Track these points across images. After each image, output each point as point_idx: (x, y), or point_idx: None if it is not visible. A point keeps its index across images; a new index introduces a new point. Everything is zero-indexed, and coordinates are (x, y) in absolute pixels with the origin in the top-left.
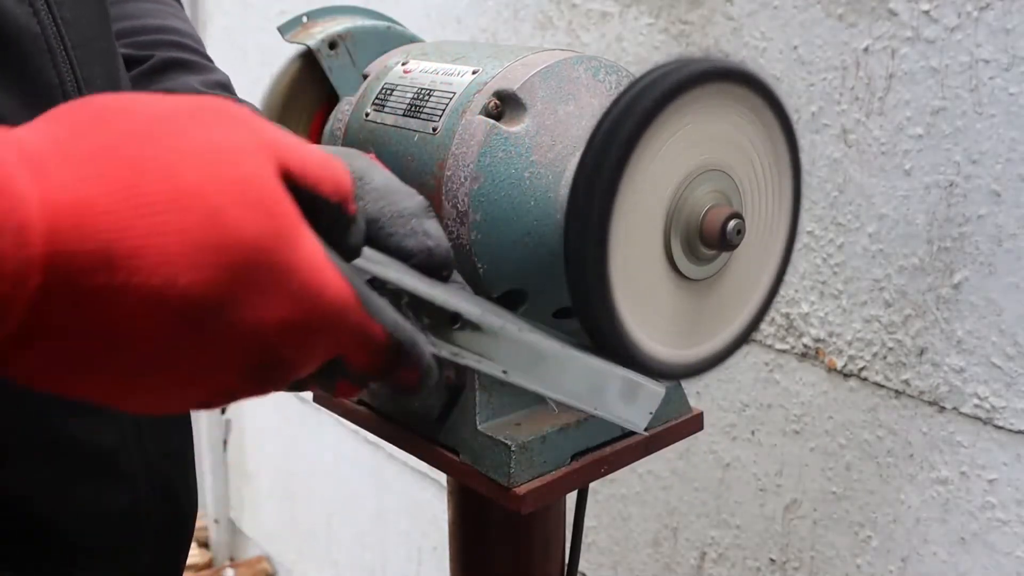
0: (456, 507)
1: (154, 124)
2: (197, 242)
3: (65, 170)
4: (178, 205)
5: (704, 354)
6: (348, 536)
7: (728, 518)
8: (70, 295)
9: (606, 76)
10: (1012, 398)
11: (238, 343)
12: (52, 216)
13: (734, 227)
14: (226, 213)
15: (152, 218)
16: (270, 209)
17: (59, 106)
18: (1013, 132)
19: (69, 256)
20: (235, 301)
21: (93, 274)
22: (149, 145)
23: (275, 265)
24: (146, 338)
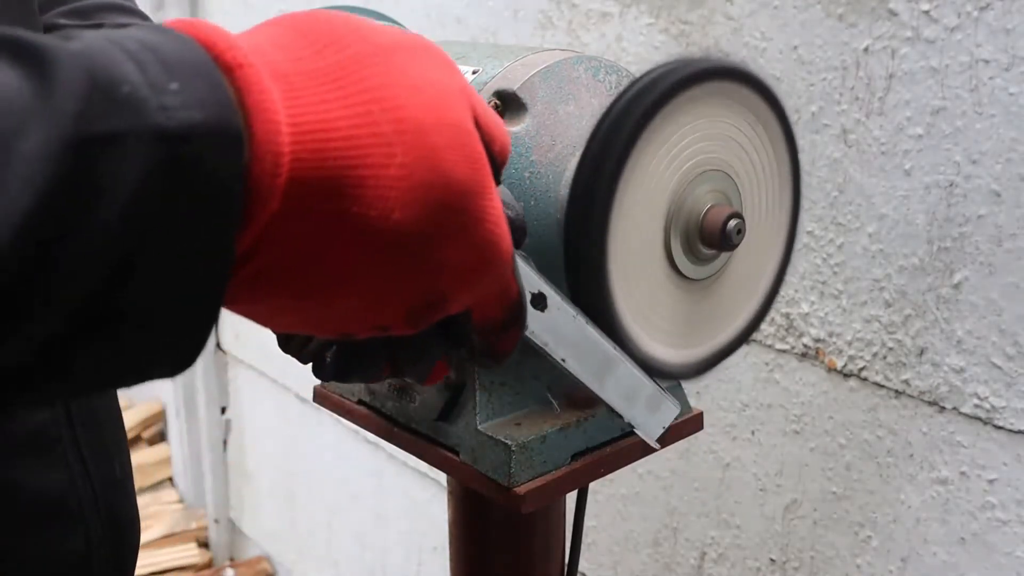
0: (456, 507)
1: (385, 52)
2: (414, 179)
3: (309, 90)
4: (404, 140)
5: (704, 354)
6: (348, 536)
7: (728, 518)
8: (299, 218)
9: (606, 76)
10: (1012, 398)
11: (420, 278)
12: (297, 141)
13: (734, 227)
14: (442, 154)
15: (382, 148)
16: (474, 156)
17: (285, 15)
18: (1013, 132)
19: (307, 183)
20: (431, 240)
21: (323, 201)
22: (382, 74)
23: (472, 211)
24: (348, 263)
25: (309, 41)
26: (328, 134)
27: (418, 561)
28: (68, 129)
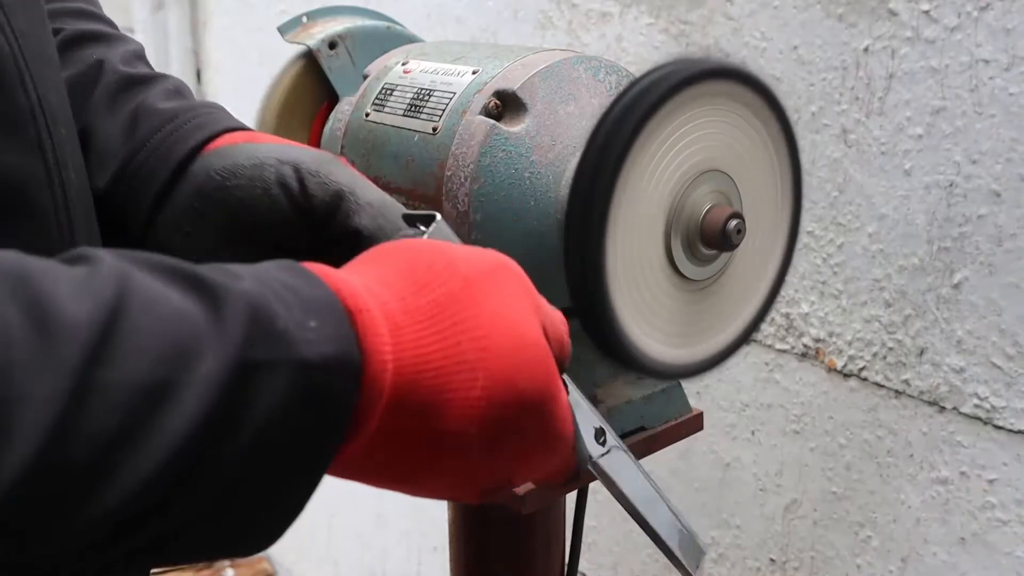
0: (456, 507)
1: (471, 286)
2: (493, 399)
3: (409, 329)
4: (486, 365)
5: (704, 354)
6: (348, 536)
7: (728, 518)
8: (396, 434)
9: (606, 76)
10: (1012, 398)
11: (493, 472)
12: (397, 372)
13: (734, 227)
14: (518, 375)
15: (466, 375)
16: (545, 369)
17: (383, 248)
18: (1013, 132)
19: (405, 407)
20: (503, 444)
21: (416, 420)
22: (470, 306)
23: (541, 416)
24: (430, 465)
25: (413, 280)
26: (422, 367)
27: (418, 561)
28: (232, 355)
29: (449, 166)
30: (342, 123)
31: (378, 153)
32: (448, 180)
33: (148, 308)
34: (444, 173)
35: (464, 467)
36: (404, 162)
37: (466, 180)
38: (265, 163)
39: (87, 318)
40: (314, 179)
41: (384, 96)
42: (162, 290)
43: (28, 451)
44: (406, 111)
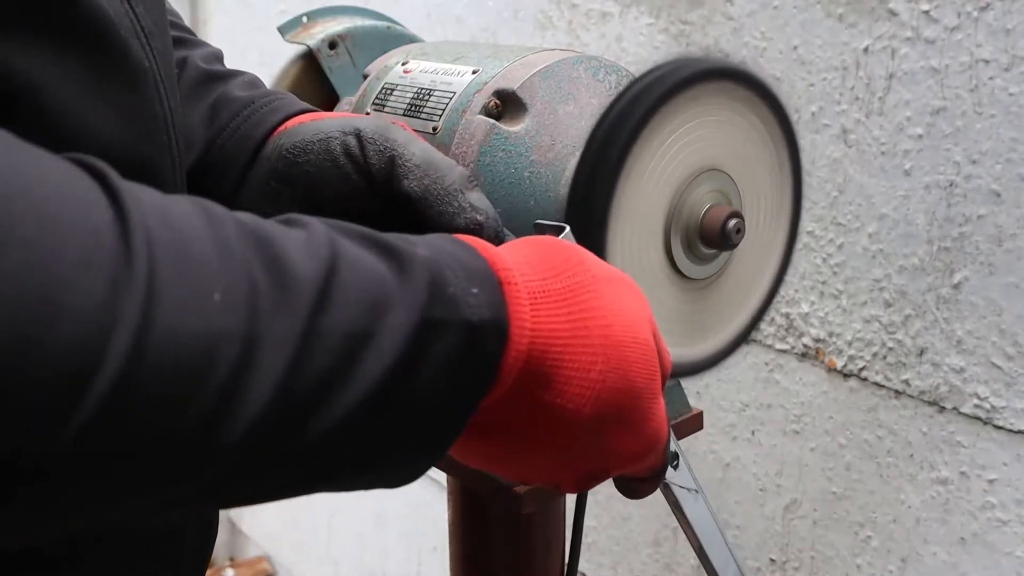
0: (456, 507)
1: (599, 282)
2: (607, 383)
3: (546, 307)
4: (605, 352)
5: (704, 354)
6: (348, 536)
7: (728, 518)
8: (519, 400)
9: (606, 76)
10: (1012, 398)
11: (595, 457)
12: (531, 342)
13: (734, 226)
14: (632, 366)
15: (588, 356)
16: (653, 369)
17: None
18: (1013, 132)
19: (532, 374)
20: (609, 430)
21: (539, 389)
22: (596, 298)
23: (645, 411)
24: (544, 436)
25: (551, 266)
26: (553, 341)
27: (418, 561)
28: (417, 313)
29: None
30: None
31: None
32: None
33: (353, 267)
34: None
35: (569, 445)
36: None
37: None
38: (331, 136)
39: (313, 275)
40: (372, 145)
41: (384, 96)
42: (362, 253)
43: (269, 383)
44: (406, 111)
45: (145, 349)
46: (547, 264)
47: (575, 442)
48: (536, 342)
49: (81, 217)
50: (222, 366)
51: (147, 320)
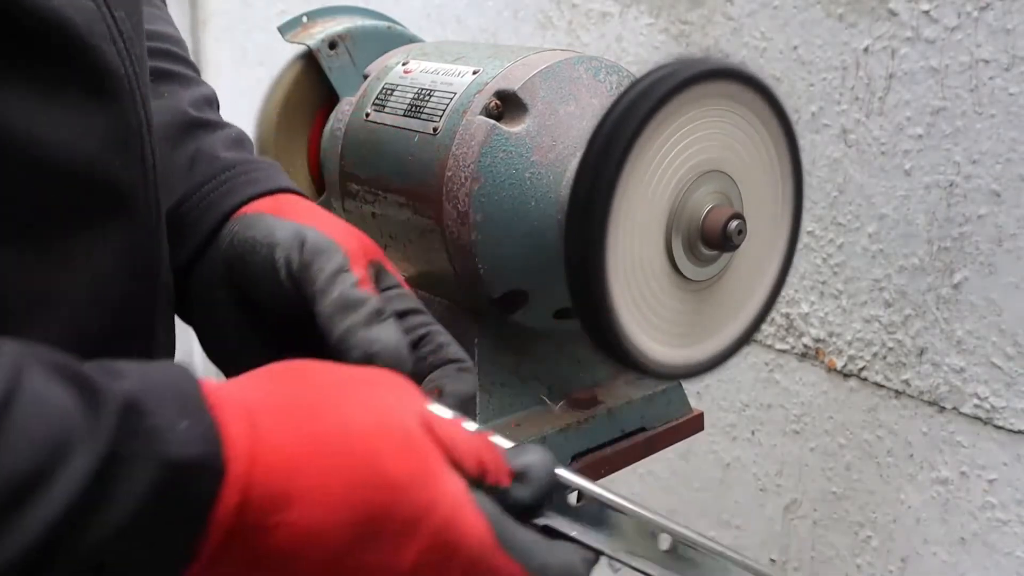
0: None
1: (336, 384)
2: (354, 481)
3: (267, 419)
4: (346, 447)
5: (705, 355)
6: None
7: (728, 518)
8: (248, 530)
9: (607, 76)
10: (1012, 398)
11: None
12: (250, 464)
13: (735, 227)
14: (383, 455)
15: (324, 459)
16: (419, 452)
17: (274, 365)
18: (1013, 132)
19: (252, 501)
20: (378, 536)
21: (270, 513)
22: (331, 397)
23: (417, 502)
24: (298, 568)
25: (277, 380)
26: (278, 453)
27: None
28: (102, 451)
29: (449, 166)
30: (342, 123)
31: (378, 153)
32: (448, 180)
33: (35, 403)
34: (444, 173)
35: (339, 569)
36: (404, 162)
37: (466, 180)
38: (277, 244)
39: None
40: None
41: (384, 96)
42: (50, 387)
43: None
44: (406, 111)
45: None
46: (276, 378)
47: (341, 561)
48: (258, 464)
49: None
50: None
51: None
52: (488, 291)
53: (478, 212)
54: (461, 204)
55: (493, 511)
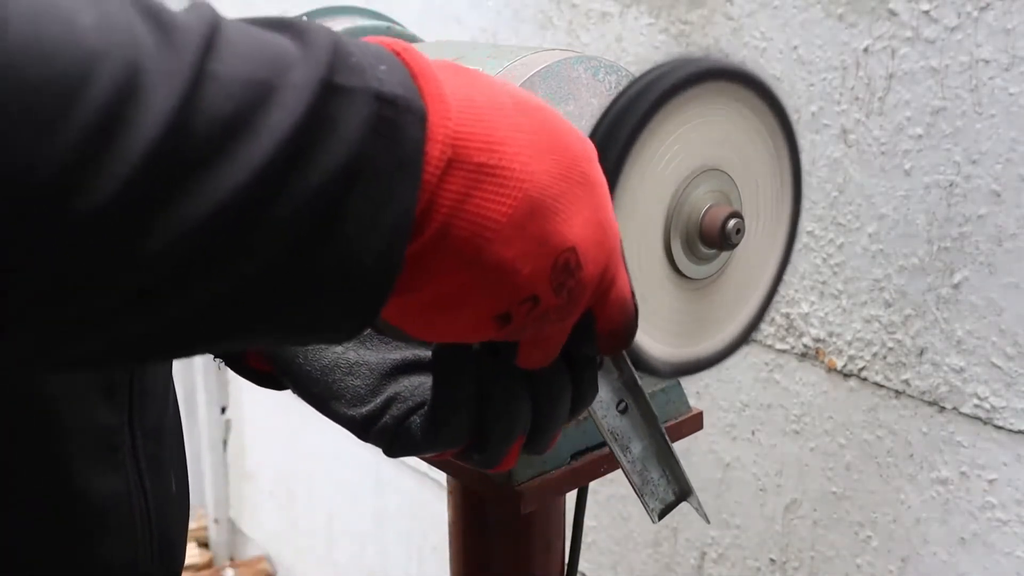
0: (456, 507)
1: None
2: (540, 145)
3: (453, 79)
4: (526, 114)
5: (704, 354)
6: (348, 536)
7: (728, 518)
8: (461, 168)
9: (606, 76)
10: (1012, 398)
11: (557, 230)
12: (459, 109)
13: (734, 226)
14: (561, 133)
15: (509, 119)
16: (583, 138)
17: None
18: (1013, 132)
19: (463, 142)
20: (562, 197)
21: (478, 153)
22: (495, 82)
23: (590, 178)
24: (496, 217)
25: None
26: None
27: (418, 561)
28: (321, 72)
29: None
30: None
31: None
32: None
33: (243, 31)
34: None
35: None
36: None
37: None
38: None
39: (196, 24)
40: None
41: None
42: (254, 28)
43: (160, 115)
44: None
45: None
46: (466, 74)
47: (534, 209)
48: (461, 132)
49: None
50: (102, 82)
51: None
52: None
53: None
54: None
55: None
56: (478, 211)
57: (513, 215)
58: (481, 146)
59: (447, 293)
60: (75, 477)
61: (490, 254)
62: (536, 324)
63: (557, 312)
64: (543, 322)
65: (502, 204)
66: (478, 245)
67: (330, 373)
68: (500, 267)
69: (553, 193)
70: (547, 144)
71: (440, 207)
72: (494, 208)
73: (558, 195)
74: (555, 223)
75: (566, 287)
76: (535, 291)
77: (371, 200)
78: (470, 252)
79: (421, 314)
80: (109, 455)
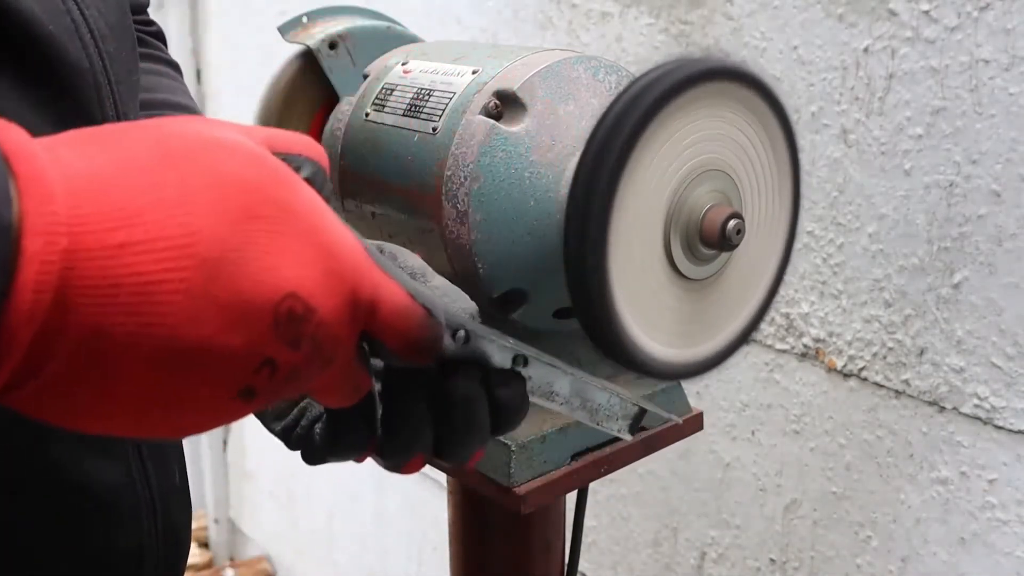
0: (456, 507)
1: (140, 124)
2: (201, 196)
3: (70, 151)
4: (170, 163)
5: (704, 354)
6: (348, 536)
7: (728, 518)
8: (96, 257)
9: (606, 76)
10: (1012, 398)
11: (257, 294)
12: (71, 189)
13: (734, 227)
14: (221, 163)
15: (152, 177)
16: (263, 161)
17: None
18: (1013, 132)
19: (90, 220)
20: (249, 244)
21: (113, 233)
22: (136, 131)
23: (289, 206)
24: (168, 300)
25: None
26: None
27: (418, 561)
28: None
29: (449, 166)
30: (342, 123)
31: (378, 153)
32: (448, 180)
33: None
34: (444, 173)
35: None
36: (404, 162)
37: (466, 180)
38: None
39: None
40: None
41: (384, 96)
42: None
43: None
44: (406, 111)
45: None
46: (92, 137)
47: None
48: (79, 188)
49: None
50: None
51: None
52: (487, 290)
53: (478, 211)
54: (460, 204)
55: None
56: (139, 299)
57: (190, 288)
58: (115, 224)
59: (150, 395)
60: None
61: (180, 340)
62: (291, 383)
63: (310, 364)
64: (300, 378)
65: (169, 280)
66: (158, 336)
67: None
68: (201, 349)
69: (235, 244)
70: (212, 192)
71: (80, 311)
72: (161, 288)
73: (242, 244)
74: (252, 275)
75: (305, 336)
76: (264, 355)
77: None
78: (148, 348)
79: (132, 420)
80: (110, 444)
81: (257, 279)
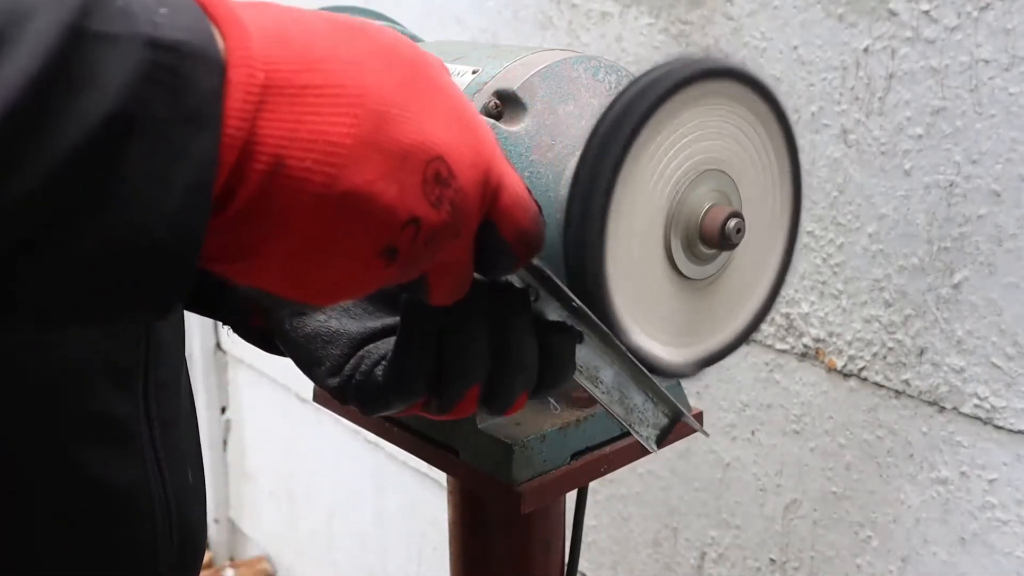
0: (456, 507)
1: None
2: (370, 60)
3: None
4: (343, 31)
5: (704, 354)
6: (348, 536)
7: (728, 518)
8: (282, 93)
9: (606, 76)
10: (1012, 398)
11: (415, 140)
12: (262, 34)
13: (734, 226)
14: (386, 38)
15: (328, 39)
16: (418, 47)
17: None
18: (1013, 132)
19: (279, 60)
20: (409, 105)
21: (298, 74)
22: (307, 11)
23: (440, 84)
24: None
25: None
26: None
27: (418, 561)
28: (67, 17)
29: None
30: None
31: None
32: None
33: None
34: None
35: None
36: None
37: None
38: None
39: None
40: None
41: None
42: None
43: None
44: None
45: None
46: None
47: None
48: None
49: None
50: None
51: None
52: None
53: None
54: None
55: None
56: (315, 136)
57: (359, 133)
58: (300, 67)
59: (309, 238)
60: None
61: (345, 182)
62: (429, 249)
63: (446, 229)
64: (436, 245)
65: (342, 123)
66: (327, 174)
67: (312, 341)
68: (362, 194)
69: (399, 102)
70: (379, 58)
71: (265, 142)
72: (334, 130)
73: (405, 103)
74: (410, 133)
75: (445, 199)
76: (412, 212)
77: (154, 157)
78: (318, 184)
79: (286, 271)
80: (124, 444)
81: (413, 137)
